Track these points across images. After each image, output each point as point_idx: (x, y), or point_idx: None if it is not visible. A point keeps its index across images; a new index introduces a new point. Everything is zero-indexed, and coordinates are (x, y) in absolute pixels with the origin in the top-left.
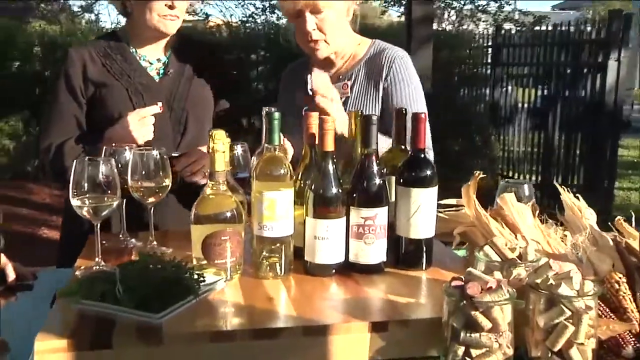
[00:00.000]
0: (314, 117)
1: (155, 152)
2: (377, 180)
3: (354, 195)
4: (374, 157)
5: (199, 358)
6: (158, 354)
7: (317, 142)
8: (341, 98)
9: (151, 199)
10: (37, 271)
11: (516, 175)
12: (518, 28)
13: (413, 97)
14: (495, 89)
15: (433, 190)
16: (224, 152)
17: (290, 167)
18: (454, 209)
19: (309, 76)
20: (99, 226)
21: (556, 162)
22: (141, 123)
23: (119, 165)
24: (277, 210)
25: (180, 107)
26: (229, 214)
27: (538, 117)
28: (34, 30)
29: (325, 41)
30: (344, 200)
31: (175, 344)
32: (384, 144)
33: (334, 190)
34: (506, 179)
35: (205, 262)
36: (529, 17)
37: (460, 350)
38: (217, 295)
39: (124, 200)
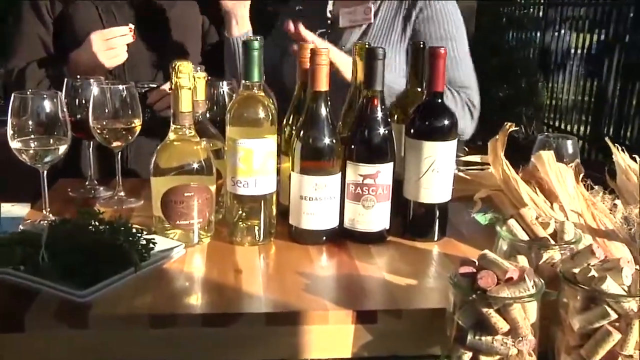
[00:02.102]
0: (308, 49)
1: (121, 87)
2: (381, 130)
3: (352, 147)
4: (377, 101)
5: (134, 347)
6: (81, 340)
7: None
8: (360, 25)
9: (116, 143)
10: None
11: (563, 125)
12: None
13: (451, 37)
14: (547, 32)
15: (450, 145)
16: (189, 88)
17: (274, 110)
18: (477, 167)
19: None
20: (45, 175)
21: (609, 114)
22: (106, 44)
23: (83, 101)
24: (254, 162)
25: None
26: (195, 165)
27: (592, 64)
28: None
29: None
30: (338, 153)
31: (104, 329)
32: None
33: (326, 139)
34: (546, 133)
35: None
36: None
37: (467, 355)
38: (173, 265)
39: (91, 143)
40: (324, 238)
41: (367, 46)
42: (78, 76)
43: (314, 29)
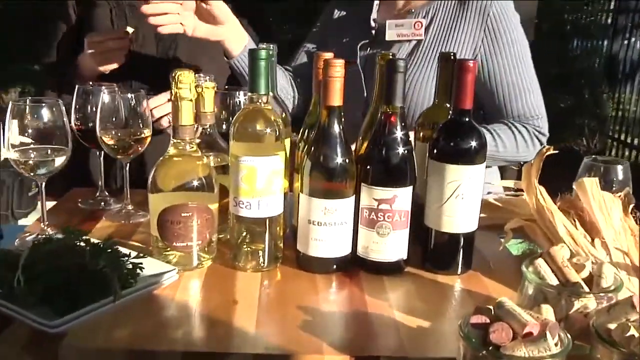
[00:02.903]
0: (324, 58)
1: (130, 95)
2: (400, 150)
3: (367, 168)
4: (397, 119)
5: None
6: None
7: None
8: (410, 40)
9: (125, 154)
10: None
11: (629, 139)
12: None
13: (518, 58)
14: (615, 41)
15: (478, 169)
16: (190, 100)
17: (281, 125)
18: (512, 193)
19: (375, 2)
20: (43, 186)
21: None
22: (99, 47)
23: (94, 109)
24: (258, 182)
25: (170, 38)
26: (195, 183)
27: None
28: None
29: None
30: (352, 174)
31: None
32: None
33: (339, 159)
34: (594, 156)
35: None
36: None
37: None
38: (164, 292)
39: (102, 152)
40: (334, 267)
41: (390, 57)
42: (91, 83)
43: (357, 39)
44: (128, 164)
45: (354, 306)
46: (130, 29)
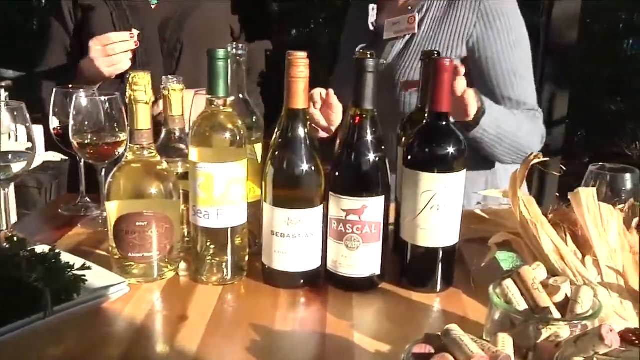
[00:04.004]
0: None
1: (104, 98)
2: (370, 156)
3: (336, 174)
4: (367, 122)
5: None
6: None
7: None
8: (403, 35)
9: (99, 158)
10: None
11: None
12: None
13: (513, 45)
14: None
15: (455, 177)
16: (147, 102)
17: (242, 131)
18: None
19: (371, 6)
20: (6, 193)
21: None
22: (104, 51)
23: (74, 112)
24: (215, 190)
25: (174, 38)
26: (153, 190)
27: None
28: None
29: None
30: (318, 183)
31: None
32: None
33: (304, 166)
34: (601, 163)
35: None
36: None
37: None
38: (113, 305)
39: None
40: (301, 281)
41: (360, 55)
42: (70, 85)
43: (357, 43)
44: (104, 170)
45: (311, 326)
46: (135, 31)
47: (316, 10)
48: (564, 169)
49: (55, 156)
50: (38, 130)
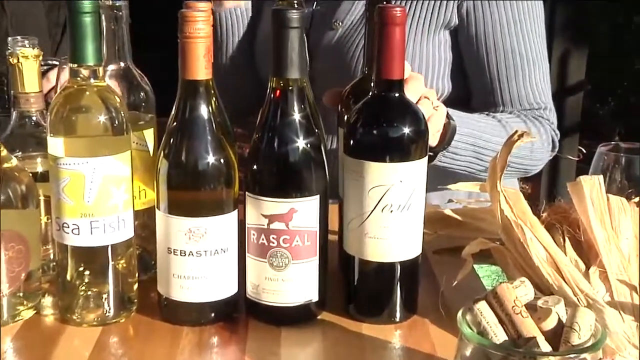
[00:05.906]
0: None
1: None
2: (299, 143)
3: (254, 168)
4: (294, 97)
5: None
6: None
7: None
8: None
9: None
10: None
11: None
12: None
13: (518, 18)
14: None
15: (415, 167)
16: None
17: (123, 112)
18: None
19: None
20: None
21: None
22: None
23: None
24: (87, 195)
25: None
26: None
27: None
28: None
29: None
30: (230, 179)
31: None
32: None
33: (209, 157)
34: (613, 142)
35: None
36: None
37: None
38: None
39: None
40: (212, 315)
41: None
42: None
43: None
44: None
45: None
46: None
47: None
48: (584, 151)
49: None
50: None
